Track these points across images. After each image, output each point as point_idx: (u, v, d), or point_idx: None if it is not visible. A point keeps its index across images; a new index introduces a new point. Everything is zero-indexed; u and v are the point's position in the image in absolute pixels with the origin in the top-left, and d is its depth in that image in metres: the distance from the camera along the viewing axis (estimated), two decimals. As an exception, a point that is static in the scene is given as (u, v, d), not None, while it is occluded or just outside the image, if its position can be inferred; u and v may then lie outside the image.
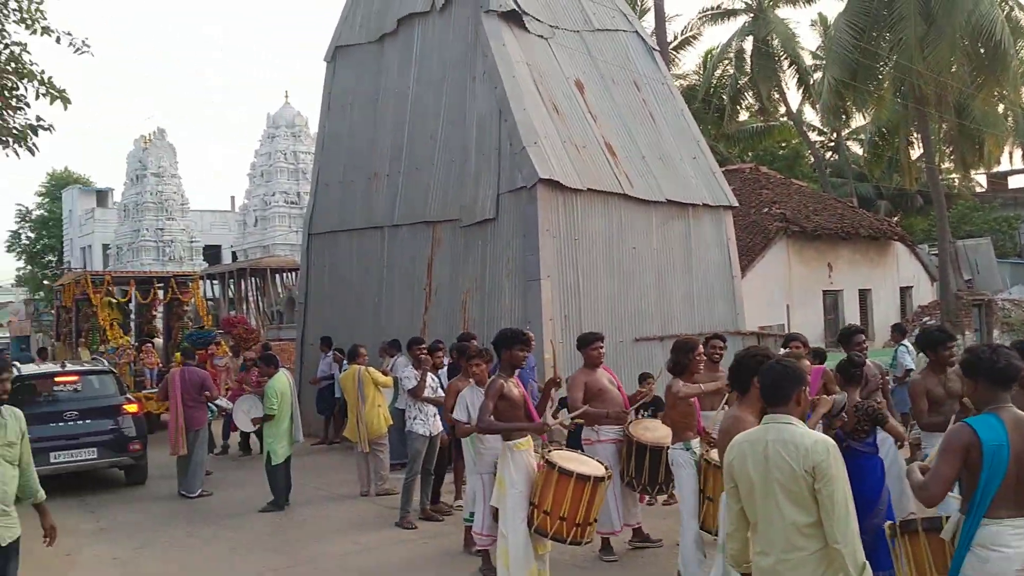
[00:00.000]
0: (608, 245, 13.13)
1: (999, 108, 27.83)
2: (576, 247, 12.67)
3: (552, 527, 6.12)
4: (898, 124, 26.72)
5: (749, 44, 32.30)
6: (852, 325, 10.06)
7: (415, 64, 14.52)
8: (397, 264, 14.34)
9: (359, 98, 15.51)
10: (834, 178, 37.38)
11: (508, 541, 6.19)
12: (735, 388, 4.94)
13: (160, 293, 20.20)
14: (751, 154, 39.14)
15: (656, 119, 14.70)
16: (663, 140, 14.54)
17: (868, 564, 3.84)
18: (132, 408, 11.89)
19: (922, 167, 28.23)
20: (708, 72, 34.43)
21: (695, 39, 34.59)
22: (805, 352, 8.19)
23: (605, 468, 6.47)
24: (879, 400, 6.74)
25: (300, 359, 16.25)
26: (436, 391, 9.25)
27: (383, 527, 9.03)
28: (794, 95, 36.46)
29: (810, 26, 37.04)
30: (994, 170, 35.90)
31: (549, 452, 6.38)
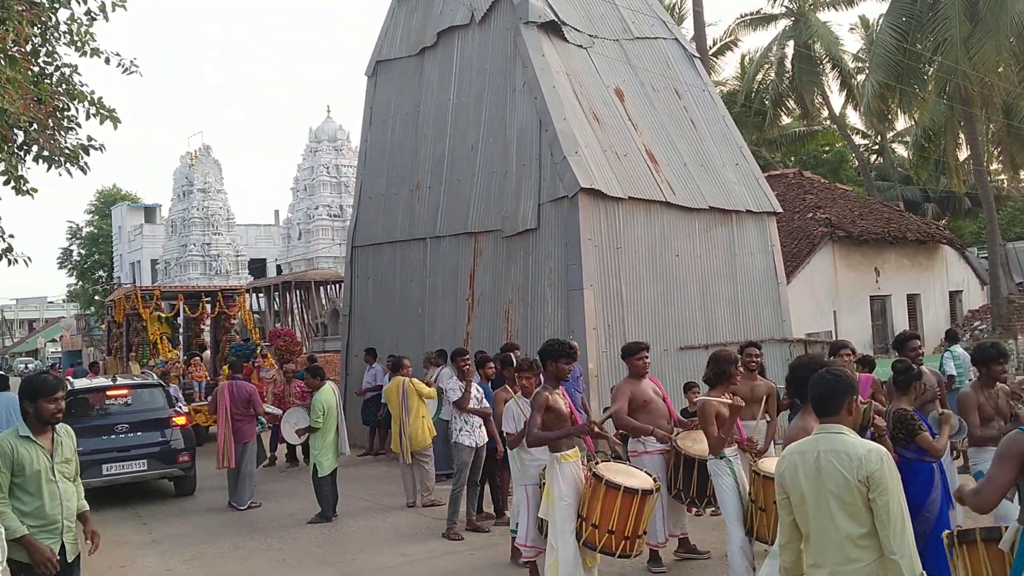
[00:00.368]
0: (651, 253, 13.05)
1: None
2: (618, 256, 12.62)
3: (601, 540, 6.09)
4: (944, 126, 26.31)
5: (790, 48, 32.03)
6: (907, 331, 9.85)
7: (455, 76, 14.62)
8: (440, 275, 14.40)
9: (400, 111, 15.65)
10: (879, 181, 36.88)
11: (558, 554, 6.16)
12: (795, 397, 4.88)
13: (208, 307, 20.50)
14: (794, 159, 38.75)
15: (697, 126, 14.60)
16: (705, 147, 14.44)
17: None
18: (180, 420, 12.14)
19: (970, 169, 27.72)
20: (748, 77, 34.18)
21: (734, 44, 34.39)
22: (852, 359, 8.08)
23: (654, 480, 6.43)
24: (942, 411, 6.61)
25: (345, 371, 16.40)
26: (481, 402, 9.28)
27: (430, 538, 9.05)
28: (837, 98, 36.03)
29: (849, 30, 36.56)
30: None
31: (596, 464, 6.35)
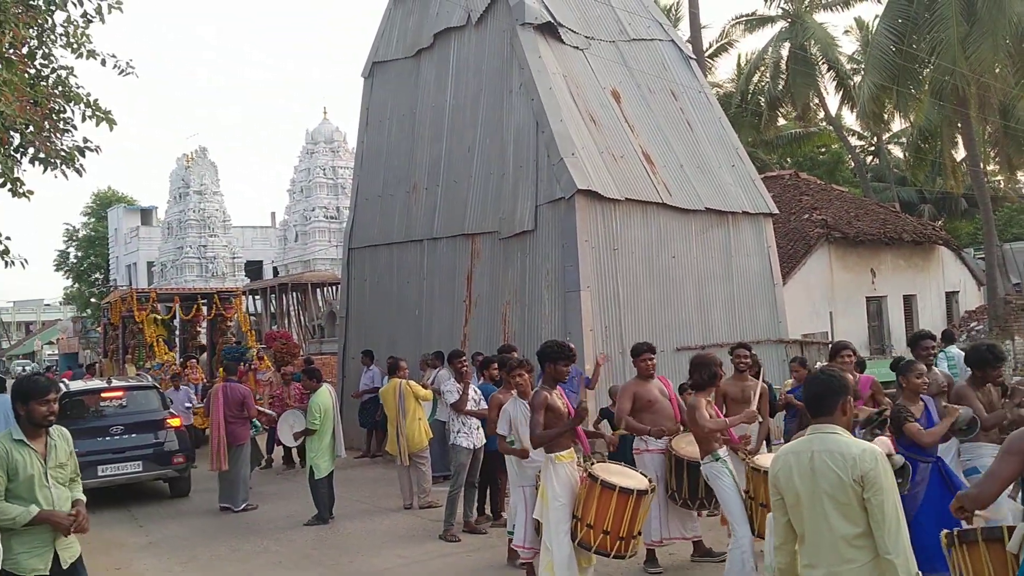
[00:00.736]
0: (647, 255, 13.06)
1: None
2: (615, 257, 12.62)
3: (596, 541, 6.09)
4: (940, 127, 26.34)
5: (786, 50, 32.04)
6: (922, 330, 9.81)
7: (452, 78, 14.62)
8: (437, 277, 14.40)
9: (397, 113, 15.65)
10: (876, 183, 36.88)
11: (552, 554, 6.16)
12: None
13: (204, 309, 20.48)
14: (790, 160, 38.79)
15: (694, 127, 14.62)
16: (701, 148, 14.45)
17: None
18: (175, 422, 12.15)
19: (966, 170, 27.74)
20: (744, 79, 34.20)
21: (730, 46, 34.40)
22: (853, 360, 8.08)
23: (649, 481, 6.43)
24: (946, 404, 6.61)
25: (342, 372, 16.38)
26: (479, 403, 9.27)
27: (427, 540, 9.05)
28: (833, 100, 36.08)
29: (844, 33, 36.57)
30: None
31: (592, 465, 6.35)
